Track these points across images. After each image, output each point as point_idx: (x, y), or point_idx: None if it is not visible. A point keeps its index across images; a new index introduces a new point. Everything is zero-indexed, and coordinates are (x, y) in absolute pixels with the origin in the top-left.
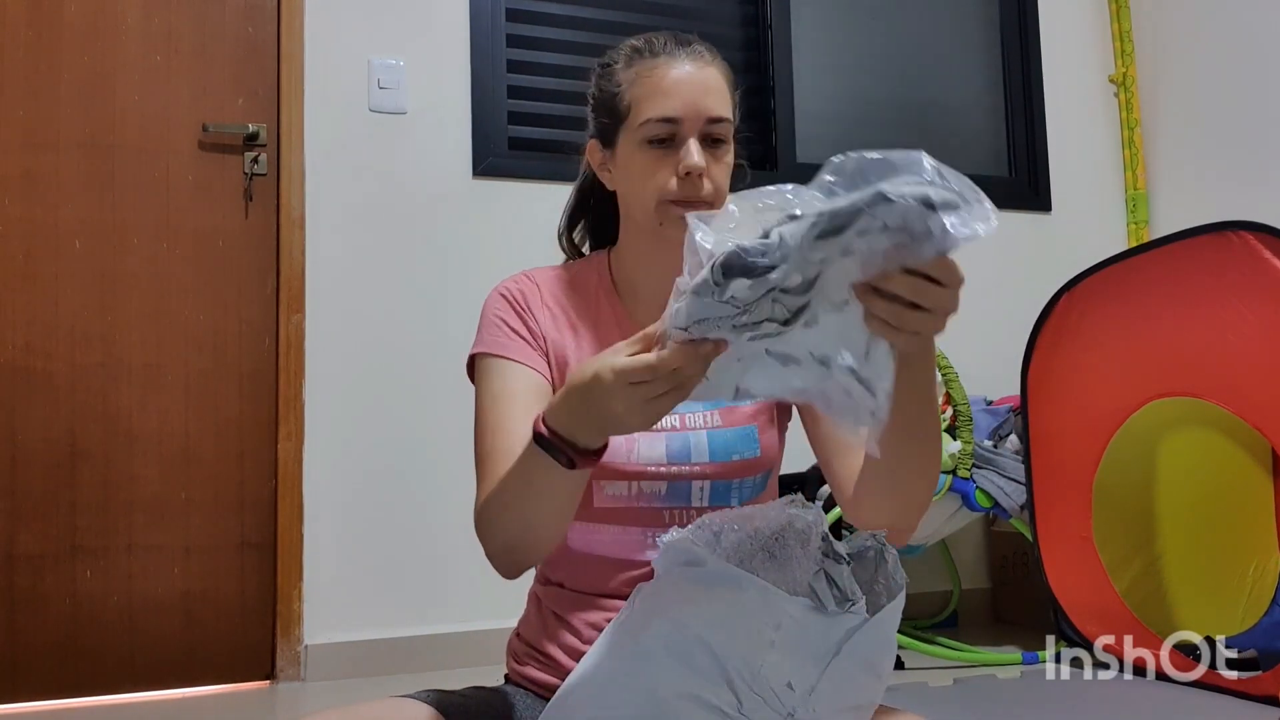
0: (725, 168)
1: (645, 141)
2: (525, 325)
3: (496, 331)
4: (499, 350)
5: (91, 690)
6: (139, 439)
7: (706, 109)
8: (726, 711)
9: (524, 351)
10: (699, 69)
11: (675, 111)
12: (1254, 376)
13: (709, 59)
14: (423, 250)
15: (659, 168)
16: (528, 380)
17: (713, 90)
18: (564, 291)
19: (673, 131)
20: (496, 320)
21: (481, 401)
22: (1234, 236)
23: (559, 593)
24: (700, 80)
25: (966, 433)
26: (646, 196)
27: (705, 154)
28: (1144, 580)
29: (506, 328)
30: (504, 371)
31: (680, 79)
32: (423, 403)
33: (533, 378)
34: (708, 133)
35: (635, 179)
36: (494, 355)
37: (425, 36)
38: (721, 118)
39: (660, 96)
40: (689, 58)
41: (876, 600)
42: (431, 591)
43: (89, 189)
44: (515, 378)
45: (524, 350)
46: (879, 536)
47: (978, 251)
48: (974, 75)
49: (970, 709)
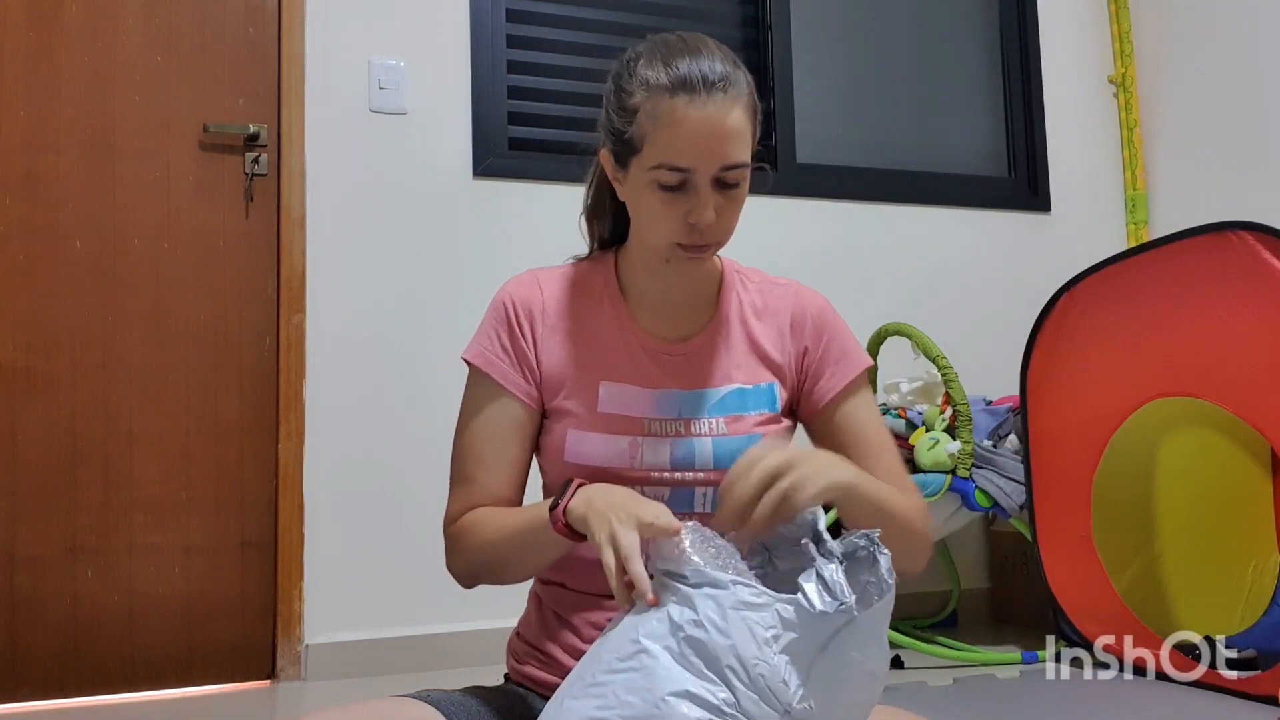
0: (738, 205)
1: (656, 184)
2: (517, 343)
3: (491, 344)
4: (488, 368)
5: (91, 690)
6: (139, 439)
7: (723, 157)
8: (724, 710)
9: (509, 376)
10: (722, 114)
11: (689, 162)
12: (1254, 376)
13: (734, 94)
14: (423, 250)
15: (669, 212)
16: (511, 415)
17: (732, 136)
18: (569, 294)
19: (684, 179)
20: (492, 331)
21: (465, 411)
22: (1233, 236)
23: (559, 592)
24: (720, 128)
25: (966, 432)
26: (656, 236)
27: (717, 197)
28: (1144, 580)
29: (500, 344)
30: (490, 395)
31: (699, 126)
32: (423, 403)
33: (513, 411)
34: (721, 178)
35: (644, 215)
36: (483, 370)
37: (425, 36)
38: (738, 164)
39: (675, 142)
40: (710, 97)
41: (868, 599)
42: (432, 591)
43: (89, 189)
44: (500, 410)
45: (510, 374)
46: (872, 536)
47: (978, 252)
48: (974, 76)
49: (970, 709)
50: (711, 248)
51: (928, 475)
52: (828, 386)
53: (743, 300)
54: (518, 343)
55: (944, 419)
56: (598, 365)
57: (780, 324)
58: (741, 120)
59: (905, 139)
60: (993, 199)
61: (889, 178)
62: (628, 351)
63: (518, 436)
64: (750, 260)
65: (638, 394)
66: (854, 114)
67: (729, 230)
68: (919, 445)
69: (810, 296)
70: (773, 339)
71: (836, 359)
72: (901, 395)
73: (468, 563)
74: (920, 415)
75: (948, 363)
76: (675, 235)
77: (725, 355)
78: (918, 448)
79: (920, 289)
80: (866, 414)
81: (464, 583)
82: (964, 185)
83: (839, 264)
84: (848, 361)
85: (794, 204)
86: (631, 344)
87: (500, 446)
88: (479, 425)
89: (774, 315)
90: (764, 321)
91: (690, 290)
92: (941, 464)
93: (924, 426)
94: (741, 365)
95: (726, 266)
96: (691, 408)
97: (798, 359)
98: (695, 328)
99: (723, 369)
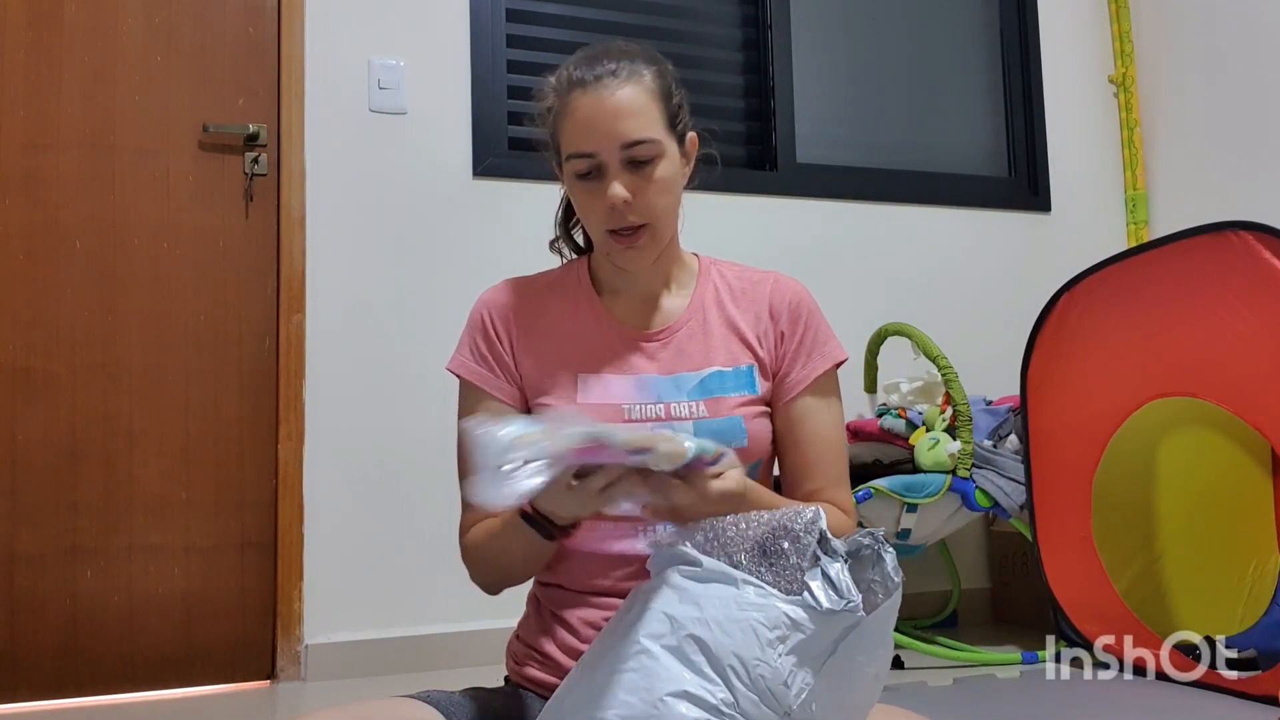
0: (658, 185)
1: (574, 175)
2: (495, 349)
3: (471, 354)
4: (472, 377)
5: (91, 690)
6: (139, 439)
7: (620, 135)
8: (723, 710)
9: (492, 381)
10: (612, 93)
11: (589, 146)
12: (1254, 376)
13: (626, 76)
14: (423, 250)
15: (592, 200)
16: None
17: (626, 113)
18: (544, 297)
19: (593, 165)
20: (470, 342)
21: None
22: (1234, 236)
23: (557, 593)
24: (612, 107)
25: (966, 432)
26: (591, 229)
27: (630, 178)
28: (1144, 580)
29: (478, 352)
30: (476, 404)
31: (592, 110)
32: (423, 402)
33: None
34: (628, 157)
35: (579, 211)
36: (466, 380)
37: (425, 36)
38: (639, 140)
39: (575, 131)
40: (601, 84)
41: (873, 599)
42: (432, 591)
43: (89, 189)
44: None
45: (491, 380)
46: (877, 535)
47: (978, 252)
48: (974, 75)
49: (970, 709)
50: (641, 232)
51: (928, 475)
52: (796, 379)
53: (719, 287)
54: (495, 349)
55: (944, 419)
56: (576, 359)
57: (758, 309)
58: (638, 98)
59: (905, 139)
60: (993, 199)
61: (889, 178)
62: (605, 343)
63: None
64: (751, 260)
65: (617, 381)
66: (854, 114)
67: (654, 211)
68: (919, 445)
69: (789, 284)
70: (750, 323)
71: (809, 351)
72: (901, 395)
73: (479, 572)
74: (920, 415)
75: (948, 363)
76: (603, 222)
77: (703, 339)
78: (918, 448)
79: (920, 289)
80: (825, 415)
81: (488, 591)
82: (964, 185)
83: (839, 264)
84: (819, 355)
85: (794, 204)
86: (609, 336)
87: None
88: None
89: (752, 301)
90: (741, 306)
91: (660, 282)
92: (942, 464)
93: (924, 426)
94: (720, 348)
95: (703, 260)
96: (671, 391)
97: (775, 344)
98: (672, 317)
99: (701, 352)
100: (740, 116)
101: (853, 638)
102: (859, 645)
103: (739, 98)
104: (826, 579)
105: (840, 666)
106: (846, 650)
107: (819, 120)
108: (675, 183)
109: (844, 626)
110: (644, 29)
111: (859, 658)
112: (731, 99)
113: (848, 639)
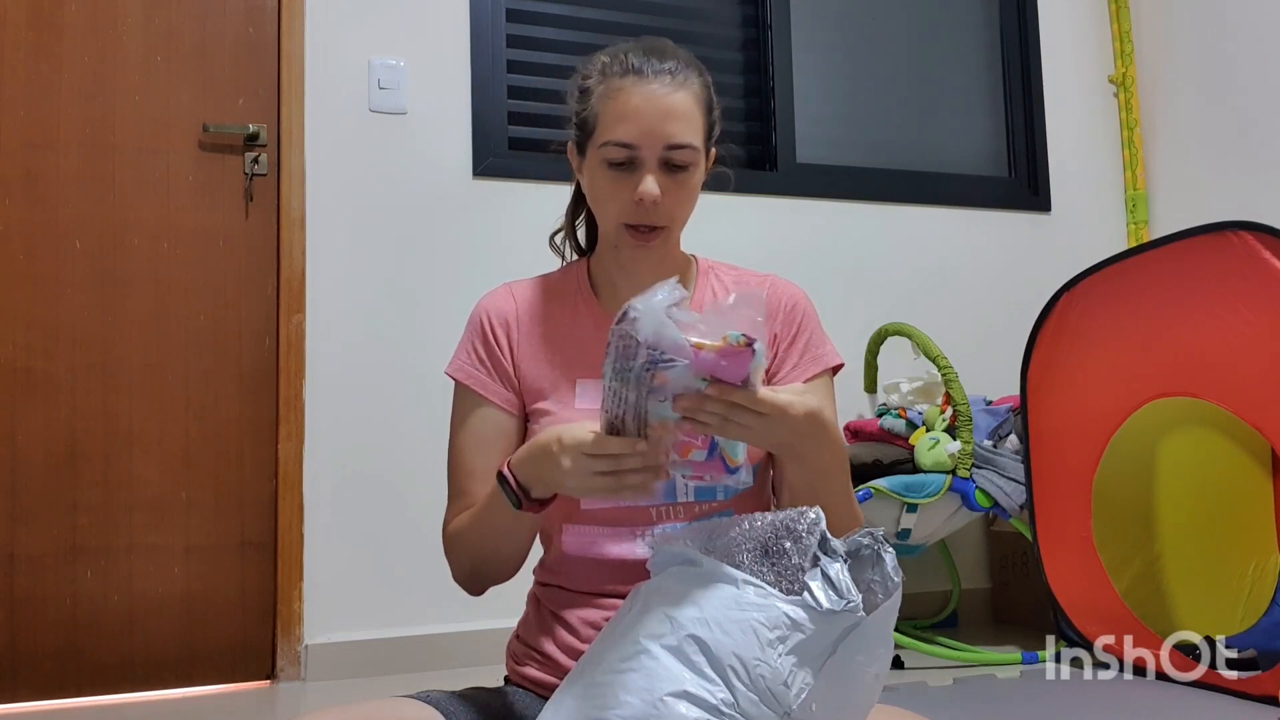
0: (687, 192)
1: (605, 162)
2: (494, 353)
3: (469, 357)
4: (470, 381)
5: (92, 690)
6: (139, 439)
7: (666, 136)
8: (723, 710)
9: (490, 386)
10: (666, 93)
11: (633, 137)
12: (1254, 376)
13: (681, 80)
14: (423, 250)
15: (617, 190)
16: (494, 423)
17: (676, 116)
18: (542, 300)
19: (630, 156)
20: (470, 346)
21: (452, 426)
22: (1233, 236)
23: (557, 593)
24: (664, 106)
25: (966, 433)
26: (606, 218)
27: (664, 179)
28: (1144, 580)
29: (476, 357)
30: (472, 407)
31: (643, 103)
32: (422, 402)
33: (496, 420)
34: (667, 158)
35: (597, 197)
36: (464, 384)
37: (425, 36)
38: (683, 144)
39: (621, 119)
40: (656, 79)
41: (873, 599)
42: (431, 591)
43: (89, 189)
44: (483, 420)
45: (489, 384)
46: (877, 535)
47: (978, 252)
48: (973, 75)
49: (970, 709)
50: (658, 233)
51: (928, 475)
52: (786, 379)
53: (715, 288)
54: (494, 353)
55: (944, 419)
56: (574, 364)
57: None
58: (688, 104)
59: (905, 139)
60: (993, 199)
61: (889, 178)
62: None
63: (504, 445)
64: (751, 260)
65: None
66: (854, 114)
67: (677, 216)
68: (919, 445)
69: (786, 287)
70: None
71: (801, 353)
72: (901, 395)
73: (459, 565)
74: (920, 415)
75: (948, 363)
76: (623, 215)
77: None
78: (918, 448)
79: (920, 289)
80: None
81: (469, 589)
82: (964, 185)
83: (839, 264)
84: (810, 358)
85: (794, 204)
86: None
87: (487, 456)
88: (465, 437)
89: None
90: None
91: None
92: (942, 464)
93: (924, 426)
94: None
95: (701, 262)
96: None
97: (770, 344)
98: None
99: None
100: (740, 116)
101: (853, 638)
102: (859, 645)
103: (739, 98)
104: (827, 579)
105: (840, 666)
106: (846, 650)
107: (819, 120)
108: (697, 192)
109: (844, 626)
110: (644, 29)
111: (859, 658)
112: (731, 99)
113: (848, 639)
